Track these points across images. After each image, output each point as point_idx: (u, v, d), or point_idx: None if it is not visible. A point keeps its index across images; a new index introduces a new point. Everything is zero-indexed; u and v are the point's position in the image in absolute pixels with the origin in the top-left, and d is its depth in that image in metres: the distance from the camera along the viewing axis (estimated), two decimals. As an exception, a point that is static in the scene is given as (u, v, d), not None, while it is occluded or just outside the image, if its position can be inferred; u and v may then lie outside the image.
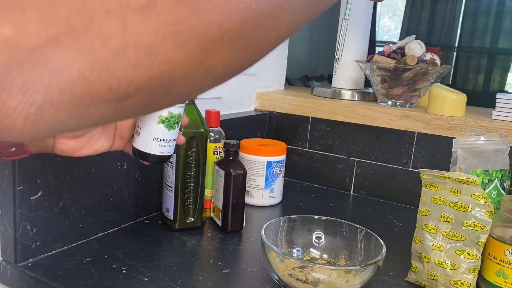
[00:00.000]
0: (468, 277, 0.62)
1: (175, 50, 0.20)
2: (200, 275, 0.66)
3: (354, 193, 1.12)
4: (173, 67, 0.21)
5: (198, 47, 0.21)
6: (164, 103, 0.24)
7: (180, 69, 0.21)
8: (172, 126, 0.58)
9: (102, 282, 0.63)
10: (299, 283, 0.59)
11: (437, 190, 0.67)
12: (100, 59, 0.19)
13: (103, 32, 0.19)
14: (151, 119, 0.57)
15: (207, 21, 0.20)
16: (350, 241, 0.70)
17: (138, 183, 0.83)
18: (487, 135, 0.75)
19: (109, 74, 0.20)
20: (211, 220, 0.87)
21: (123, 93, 0.21)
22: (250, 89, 1.21)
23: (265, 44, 0.24)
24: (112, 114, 0.22)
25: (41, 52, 0.18)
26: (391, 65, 1.05)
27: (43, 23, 0.18)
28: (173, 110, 0.57)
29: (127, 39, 0.19)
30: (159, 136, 0.57)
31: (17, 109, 0.19)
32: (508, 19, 3.90)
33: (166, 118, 0.57)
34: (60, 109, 0.20)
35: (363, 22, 1.20)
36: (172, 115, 0.57)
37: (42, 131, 0.21)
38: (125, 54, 0.19)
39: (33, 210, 0.66)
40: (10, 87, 0.18)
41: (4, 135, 0.20)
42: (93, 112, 0.21)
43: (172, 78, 0.22)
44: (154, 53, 0.20)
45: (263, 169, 0.96)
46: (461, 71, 4.18)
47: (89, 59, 0.19)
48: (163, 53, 0.20)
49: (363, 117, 1.08)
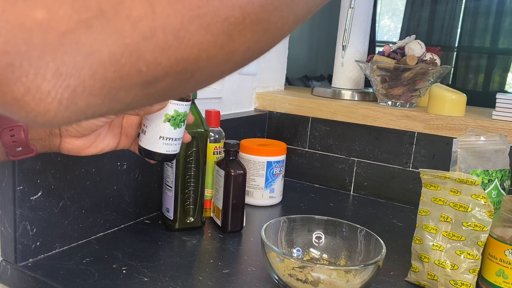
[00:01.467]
0: (468, 277, 0.62)
1: (200, 33, 0.21)
2: (200, 275, 0.66)
3: (354, 193, 1.12)
4: (198, 50, 0.21)
5: (222, 30, 0.21)
6: (189, 87, 0.24)
7: (205, 52, 0.22)
8: (178, 125, 0.58)
9: (102, 282, 0.63)
10: (299, 283, 0.59)
11: (437, 190, 0.67)
12: (129, 43, 0.19)
13: (132, 16, 0.19)
14: (157, 118, 0.56)
15: (229, 4, 0.21)
16: (350, 241, 0.70)
17: (138, 183, 0.83)
18: (487, 135, 0.75)
19: (138, 57, 0.20)
20: (211, 220, 0.87)
21: (151, 76, 0.21)
22: (250, 89, 1.21)
23: (282, 28, 0.25)
24: (141, 98, 0.22)
25: (74, 36, 0.18)
26: (391, 65, 1.05)
27: (75, 7, 0.18)
28: (179, 108, 0.57)
29: (155, 23, 0.19)
30: (165, 135, 0.57)
31: (51, 93, 0.19)
32: (508, 19, 3.90)
33: (172, 117, 0.57)
34: (92, 93, 0.20)
35: (363, 22, 1.20)
36: (178, 113, 0.57)
37: (74, 116, 0.21)
38: (153, 38, 0.20)
39: (33, 210, 0.66)
40: (44, 72, 0.19)
41: (38, 120, 0.20)
42: (123, 96, 0.21)
43: (197, 61, 0.22)
44: (181, 36, 0.20)
45: (263, 169, 0.96)
46: (461, 71, 4.18)
47: (119, 42, 0.19)
48: (189, 36, 0.20)
49: (363, 117, 1.08)
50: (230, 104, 1.14)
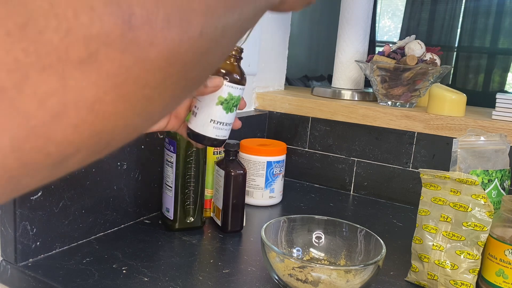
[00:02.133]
0: (468, 277, 0.62)
1: (118, 103, 0.19)
2: (200, 275, 0.66)
3: (354, 193, 1.12)
4: (115, 120, 0.19)
5: (141, 97, 0.20)
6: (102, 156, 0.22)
7: (122, 121, 0.20)
8: (230, 109, 0.55)
9: (102, 282, 0.63)
10: (299, 283, 0.59)
11: (437, 190, 0.67)
12: (36, 124, 0.17)
13: (40, 92, 0.16)
14: (210, 100, 0.54)
15: (150, 68, 0.19)
16: (350, 241, 0.70)
17: (138, 183, 0.83)
18: (487, 135, 0.75)
19: (46, 139, 0.17)
20: (211, 220, 0.87)
21: (61, 157, 0.19)
22: (250, 89, 1.21)
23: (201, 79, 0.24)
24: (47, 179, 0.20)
25: None
26: (391, 65, 1.05)
27: None
28: (233, 92, 0.54)
29: (67, 98, 0.17)
30: (216, 118, 0.54)
31: None
32: (508, 19, 3.90)
33: (226, 100, 0.54)
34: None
35: (363, 22, 1.20)
36: (232, 97, 0.54)
37: None
38: (65, 115, 0.17)
39: (33, 210, 0.66)
40: None
41: None
42: (28, 182, 0.19)
43: (114, 131, 0.20)
44: (96, 110, 0.18)
45: (263, 169, 0.96)
46: (461, 71, 4.18)
47: (23, 125, 0.16)
48: (105, 108, 0.19)
49: (363, 117, 1.08)
50: (230, 104, 1.14)
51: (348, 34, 1.21)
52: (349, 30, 1.20)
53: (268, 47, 1.25)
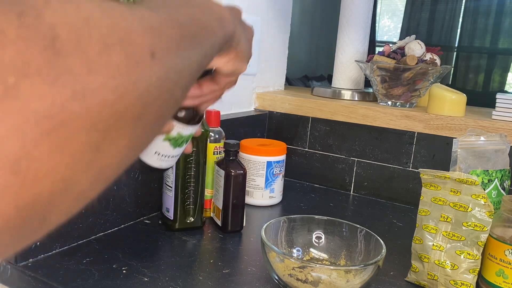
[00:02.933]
0: (468, 277, 0.62)
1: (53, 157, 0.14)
2: (200, 275, 0.66)
3: (354, 193, 1.12)
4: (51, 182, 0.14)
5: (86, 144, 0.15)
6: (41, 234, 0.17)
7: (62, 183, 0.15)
8: (179, 145, 0.52)
9: (102, 282, 0.63)
10: (299, 283, 0.59)
11: (437, 190, 0.67)
12: None
13: None
14: None
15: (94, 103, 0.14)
16: (350, 241, 0.70)
17: (138, 183, 0.83)
18: (487, 135, 0.75)
19: None
20: (211, 220, 0.87)
21: None
22: (250, 89, 1.21)
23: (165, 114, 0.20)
24: None
25: None
26: (391, 65, 1.05)
27: None
28: (184, 131, 0.51)
29: None
30: (162, 152, 0.52)
31: None
32: (508, 19, 3.90)
33: (174, 138, 0.51)
34: None
35: (363, 22, 1.20)
36: (181, 136, 0.51)
37: None
38: None
39: (33, 210, 0.66)
40: None
41: None
42: None
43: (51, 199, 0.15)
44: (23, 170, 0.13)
45: (263, 169, 0.96)
46: (461, 71, 4.18)
47: None
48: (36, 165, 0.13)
49: (363, 117, 1.08)
50: (230, 104, 1.14)
51: (348, 34, 1.21)
52: (349, 30, 1.20)
53: (268, 47, 1.25)
